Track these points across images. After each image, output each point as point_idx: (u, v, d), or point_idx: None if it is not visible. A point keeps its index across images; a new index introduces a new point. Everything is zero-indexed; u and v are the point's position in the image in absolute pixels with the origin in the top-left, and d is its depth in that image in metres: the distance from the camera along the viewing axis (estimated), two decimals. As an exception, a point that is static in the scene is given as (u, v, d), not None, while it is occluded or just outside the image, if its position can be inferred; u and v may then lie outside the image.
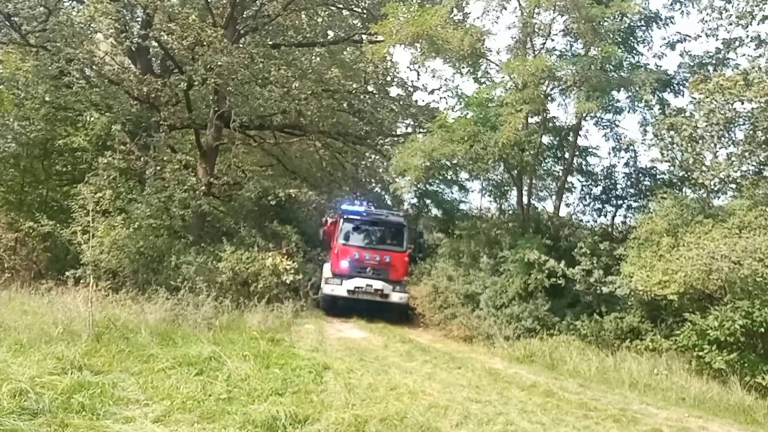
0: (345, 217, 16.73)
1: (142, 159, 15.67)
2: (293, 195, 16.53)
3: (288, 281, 14.46)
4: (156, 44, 16.47)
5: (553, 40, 15.79)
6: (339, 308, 15.90)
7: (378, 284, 15.74)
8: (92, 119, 16.72)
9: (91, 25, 14.94)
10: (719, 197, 13.11)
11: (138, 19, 17.32)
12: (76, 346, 7.96)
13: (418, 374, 9.39)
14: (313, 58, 19.94)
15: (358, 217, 16.79)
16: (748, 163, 12.29)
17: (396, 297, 15.86)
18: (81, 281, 12.20)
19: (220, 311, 12.23)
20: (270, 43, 17.88)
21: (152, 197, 14.56)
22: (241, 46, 16.44)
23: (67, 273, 12.91)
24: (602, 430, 7.25)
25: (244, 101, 16.63)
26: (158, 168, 15.60)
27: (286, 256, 14.98)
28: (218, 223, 18.30)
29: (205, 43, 14.81)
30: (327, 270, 16.54)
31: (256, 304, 13.18)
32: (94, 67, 15.96)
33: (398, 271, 16.28)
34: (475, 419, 6.73)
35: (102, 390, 6.39)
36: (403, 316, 16.19)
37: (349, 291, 15.73)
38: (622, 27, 14.77)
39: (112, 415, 5.73)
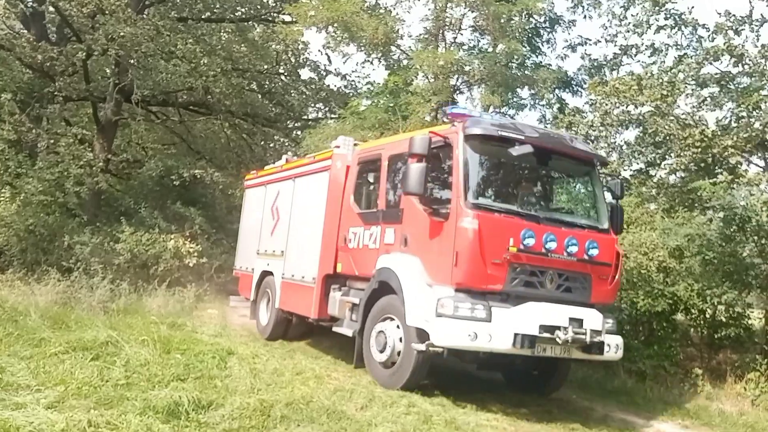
0: (471, 132, 7.36)
1: (33, 131, 14.63)
2: (198, 176, 15.99)
3: (191, 264, 14.04)
4: (53, 10, 15.42)
5: (462, 34, 16.26)
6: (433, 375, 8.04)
7: (590, 318, 7.33)
8: (-22, 86, 15.47)
9: (-20, -16, 13.81)
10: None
11: (33, -18, 16.16)
12: (-43, 329, 7.42)
13: (324, 359, 9.46)
14: (222, 35, 19.36)
15: (513, 135, 7.40)
16: (637, 163, 13.22)
17: (612, 346, 7.58)
18: (-37, 260, 11.37)
19: (117, 294, 11.71)
20: (176, 16, 17.21)
21: (45, 172, 13.69)
22: (145, 17, 15.71)
23: (-54, 251, 11.98)
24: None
25: (148, 75, 15.92)
26: (51, 141, 14.67)
27: (189, 239, 14.54)
28: (116, 202, 17.49)
29: (107, 12, 14.04)
30: (416, 278, 7.52)
31: (156, 288, 12.69)
32: (-19, 30, 14.75)
33: (609, 280, 7.83)
34: (379, 402, 6.85)
35: (-12, 375, 6.01)
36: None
37: (525, 340, 6.91)
38: (528, 27, 15.44)
39: (0, 401, 5.40)
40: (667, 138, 12.03)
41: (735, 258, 10.11)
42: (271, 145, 21.36)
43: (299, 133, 20.05)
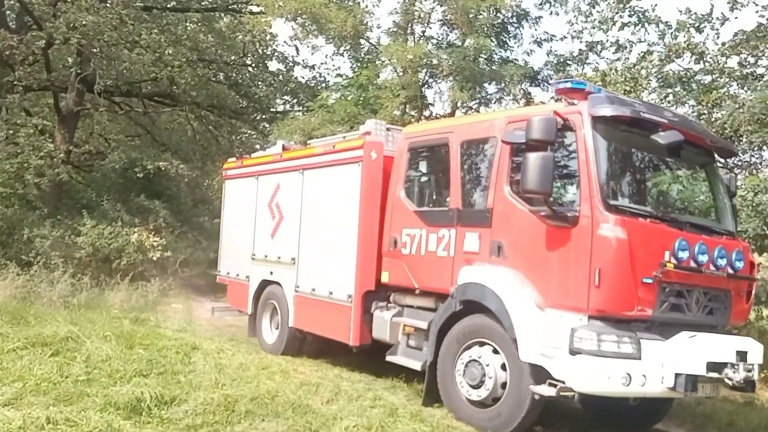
0: (601, 114, 5.72)
1: (-9, 121, 14.29)
2: (163, 168, 15.75)
3: (155, 258, 13.84)
4: (12, -4, 15.05)
5: (431, 28, 16.30)
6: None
7: (753, 350, 5.83)
8: (-68, 75, 15.00)
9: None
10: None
11: (-10, -33, 15.69)
12: None
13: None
14: (188, 24, 19.06)
15: (657, 118, 5.94)
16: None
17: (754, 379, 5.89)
18: None
19: (78, 289, 11.53)
20: (141, 5, 16.88)
21: (3, 163, 13.37)
22: (109, 5, 15.36)
23: None
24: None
25: (111, 64, 15.59)
26: (11, 132, 14.28)
27: (153, 232, 14.32)
28: (77, 194, 17.14)
29: (68, 0, 13.72)
30: (525, 300, 5.91)
31: (119, 282, 12.52)
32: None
33: (746, 296, 6.57)
34: (345, 395, 6.87)
35: (-57, 372, 5.86)
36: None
37: (689, 381, 5.40)
38: (496, 22, 15.53)
39: (-45, 399, 5.27)
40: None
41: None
42: (238, 137, 21.17)
43: (267, 125, 19.89)
